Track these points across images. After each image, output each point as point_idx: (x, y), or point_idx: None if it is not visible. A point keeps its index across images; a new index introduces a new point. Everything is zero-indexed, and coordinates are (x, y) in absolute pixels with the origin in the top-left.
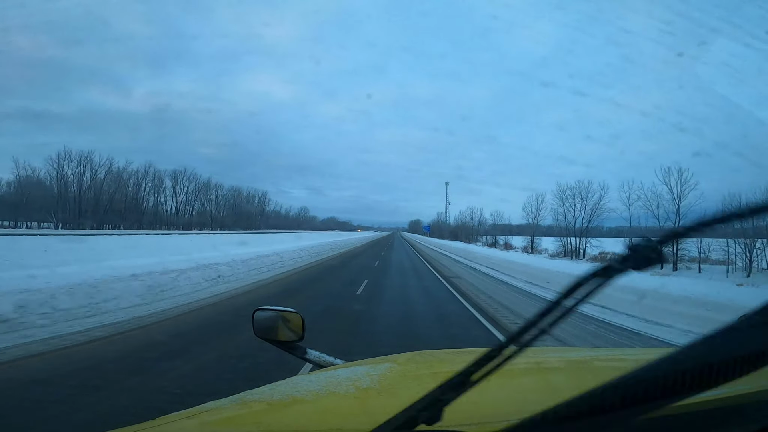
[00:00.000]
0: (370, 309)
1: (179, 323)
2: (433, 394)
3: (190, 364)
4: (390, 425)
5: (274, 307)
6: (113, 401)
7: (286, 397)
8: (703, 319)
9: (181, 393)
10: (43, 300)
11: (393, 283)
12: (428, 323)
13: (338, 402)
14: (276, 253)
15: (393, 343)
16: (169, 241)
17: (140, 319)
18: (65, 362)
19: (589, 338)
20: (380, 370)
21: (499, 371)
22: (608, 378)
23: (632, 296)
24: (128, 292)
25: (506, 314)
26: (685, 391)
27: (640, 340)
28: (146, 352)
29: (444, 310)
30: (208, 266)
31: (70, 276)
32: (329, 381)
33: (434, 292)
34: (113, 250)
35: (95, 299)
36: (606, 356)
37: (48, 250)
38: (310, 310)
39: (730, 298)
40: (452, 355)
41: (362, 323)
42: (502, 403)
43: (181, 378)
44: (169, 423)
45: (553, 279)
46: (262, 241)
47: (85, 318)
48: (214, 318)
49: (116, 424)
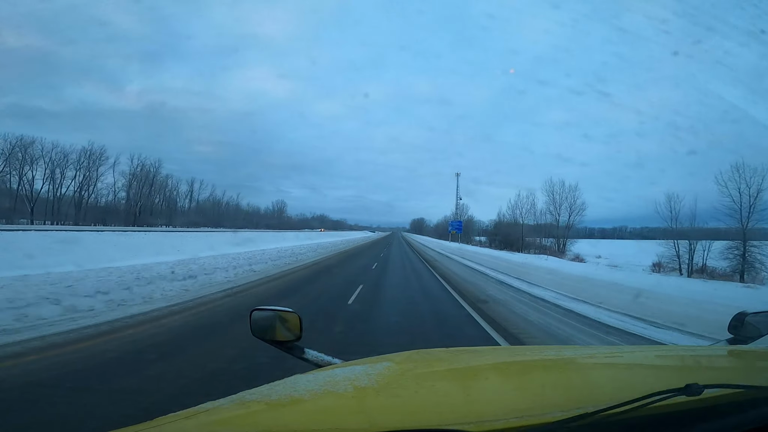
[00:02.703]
0: None
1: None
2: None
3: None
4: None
5: (271, 307)
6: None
7: (284, 397)
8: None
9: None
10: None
11: None
12: None
13: (337, 401)
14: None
15: None
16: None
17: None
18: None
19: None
20: (378, 369)
21: (497, 370)
22: (606, 376)
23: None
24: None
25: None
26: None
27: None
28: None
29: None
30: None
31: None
32: (327, 380)
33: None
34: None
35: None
36: (602, 353)
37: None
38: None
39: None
40: (450, 354)
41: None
42: (502, 402)
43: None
44: (168, 423)
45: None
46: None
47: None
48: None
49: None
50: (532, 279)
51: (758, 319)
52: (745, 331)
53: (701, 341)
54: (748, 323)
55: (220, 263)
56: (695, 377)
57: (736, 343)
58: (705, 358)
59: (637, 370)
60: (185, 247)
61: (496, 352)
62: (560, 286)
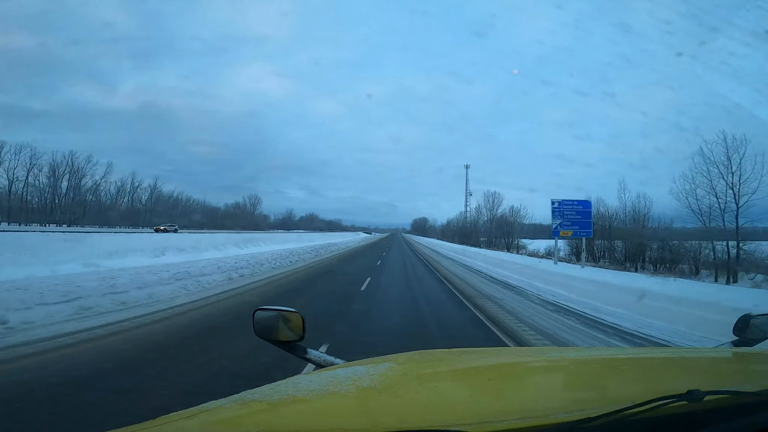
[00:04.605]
0: None
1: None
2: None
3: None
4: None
5: (274, 307)
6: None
7: (286, 397)
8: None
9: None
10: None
11: None
12: None
13: (339, 401)
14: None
15: None
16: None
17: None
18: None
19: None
20: (380, 369)
21: (499, 371)
22: (609, 378)
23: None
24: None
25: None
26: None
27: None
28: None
29: None
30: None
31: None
32: (329, 381)
33: None
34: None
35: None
36: (605, 355)
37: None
38: None
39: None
40: (452, 354)
41: None
42: (504, 403)
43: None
44: (169, 423)
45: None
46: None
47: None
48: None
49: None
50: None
51: (763, 321)
52: (750, 333)
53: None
54: (753, 325)
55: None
56: (699, 380)
57: (741, 345)
58: (709, 360)
59: (641, 372)
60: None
61: (498, 353)
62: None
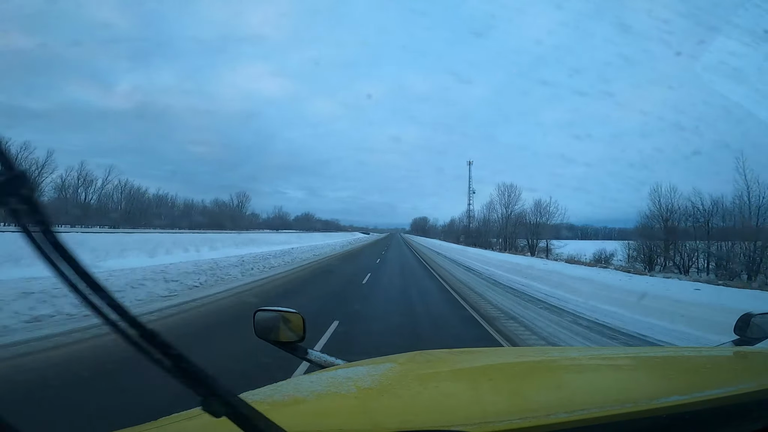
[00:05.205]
0: None
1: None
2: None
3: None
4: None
5: (274, 308)
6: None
7: (287, 398)
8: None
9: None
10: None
11: None
12: None
13: (340, 402)
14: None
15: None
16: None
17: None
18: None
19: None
20: (381, 370)
21: (500, 371)
22: (611, 378)
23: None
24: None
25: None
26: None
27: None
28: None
29: None
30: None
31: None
32: (330, 381)
33: None
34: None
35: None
36: (607, 355)
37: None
38: None
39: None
40: (453, 354)
41: None
42: (505, 403)
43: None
44: (170, 424)
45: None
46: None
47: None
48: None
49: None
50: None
51: (764, 320)
52: (751, 332)
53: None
54: (754, 324)
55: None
56: (700, 379)
57: (742, 344)
58: (710, 359)
59: (643, 371)
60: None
61: (499, 353)
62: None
